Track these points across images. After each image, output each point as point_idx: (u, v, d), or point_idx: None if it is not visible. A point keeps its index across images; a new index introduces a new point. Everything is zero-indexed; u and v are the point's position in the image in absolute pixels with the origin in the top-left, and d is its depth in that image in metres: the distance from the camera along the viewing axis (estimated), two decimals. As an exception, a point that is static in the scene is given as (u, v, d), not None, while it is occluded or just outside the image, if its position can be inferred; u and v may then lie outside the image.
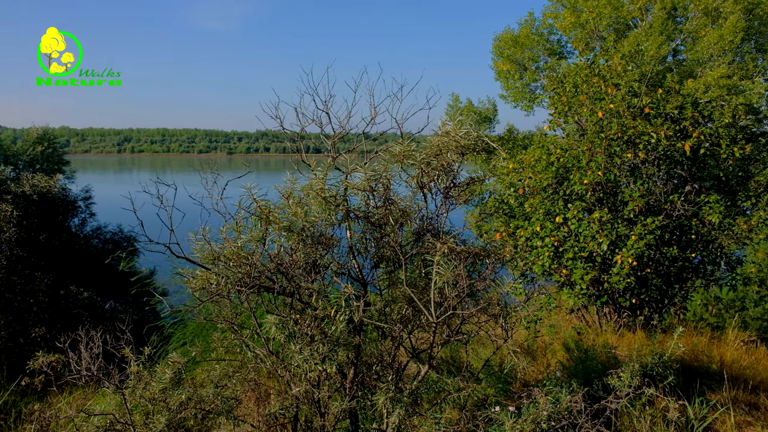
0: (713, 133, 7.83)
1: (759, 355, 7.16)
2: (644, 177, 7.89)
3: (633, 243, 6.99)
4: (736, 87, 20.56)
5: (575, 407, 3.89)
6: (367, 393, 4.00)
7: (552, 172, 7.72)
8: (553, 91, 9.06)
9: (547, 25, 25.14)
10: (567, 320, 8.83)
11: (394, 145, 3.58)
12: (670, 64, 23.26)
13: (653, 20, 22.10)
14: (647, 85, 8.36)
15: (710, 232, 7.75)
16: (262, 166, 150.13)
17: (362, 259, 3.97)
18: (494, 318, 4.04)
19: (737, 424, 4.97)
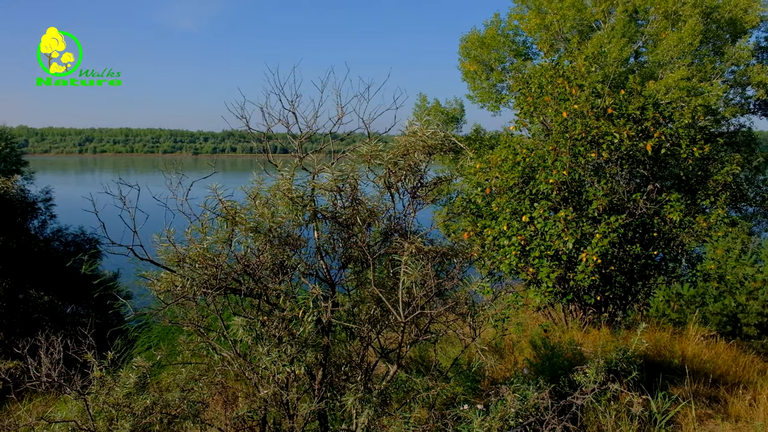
0: (674, 134, 8.02)
1: (718, 349, 7.35)
2: (608, 176, 8.04)
3: (597, 241, 7.12)
4: (695, 89, 21.09)
5: (542, 404, 3.94)
6: (336, 394, 3.99)
7: (518, 172, 7.81)
8: (518, 91, 9.17)
9: (512, 26, 25.45)
10: (534, 318, 8.94)
11: (361, 145, 3.57)
12: (632, 66, 23.76)
13: (616, 23, 22.54)
14: (610, 86, 8.52)
15: (671, 230, 7.94)
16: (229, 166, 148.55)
17: (330, 259, 3.95)
18: (462, 317, 4.06)
19: (698, 417, 5.09)
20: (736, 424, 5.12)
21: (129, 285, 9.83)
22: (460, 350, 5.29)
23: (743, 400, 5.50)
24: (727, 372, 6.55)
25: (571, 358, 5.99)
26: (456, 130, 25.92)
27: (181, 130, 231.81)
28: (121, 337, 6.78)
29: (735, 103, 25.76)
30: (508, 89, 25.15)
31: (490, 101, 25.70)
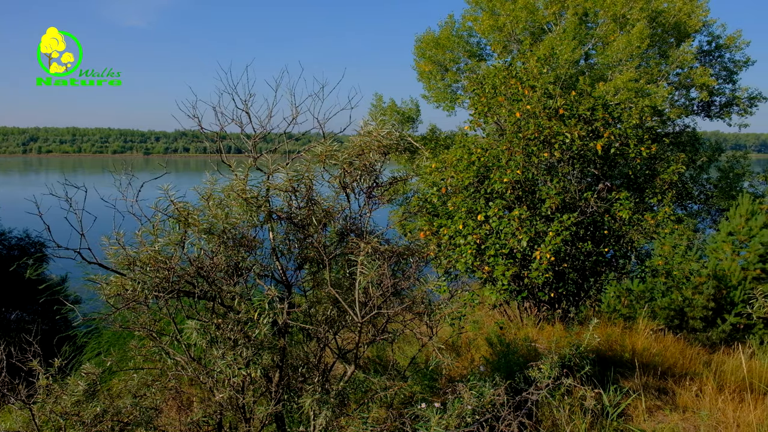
0: (622, 134, 8.24)
1: (666, 342, 7.58)
2: (560, 175, 8.20)
3: (551, 239, 7.25)
4: (642, 90, 21.71)
5: (498, 400, 3.99)
6: (294, 396, 3.96)
7: (473, 171, 7.89)
8: (473, 92, 9.26)
9: (466, 27, 25.73)
10: (490, 316, 9.05)
11: (316, 145, 3.55)
12: (582, 68, 24.31)
13: (567, 25, 23.03)
14: (562, 87, 8.70)
15: (621, 228, 8.15)
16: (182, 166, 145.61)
17: (286, 260, 3.92)
18: (419, 316, 4.08)
19: (648, 409, 5.24)
20: (684, 414, 5.29)
21: (77, 289, 9.53)
22: (417, 349, 5.31)
23: (690, 391, 5.68)
24: (674, 364, 6.76)
25: (526, 355, 6.09)
26: (412, 130, 26.06)
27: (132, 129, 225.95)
28: (69, 343, 6.57)
29: (680, 105, 26.66)
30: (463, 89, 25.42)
31: (445, 101, 25.93)
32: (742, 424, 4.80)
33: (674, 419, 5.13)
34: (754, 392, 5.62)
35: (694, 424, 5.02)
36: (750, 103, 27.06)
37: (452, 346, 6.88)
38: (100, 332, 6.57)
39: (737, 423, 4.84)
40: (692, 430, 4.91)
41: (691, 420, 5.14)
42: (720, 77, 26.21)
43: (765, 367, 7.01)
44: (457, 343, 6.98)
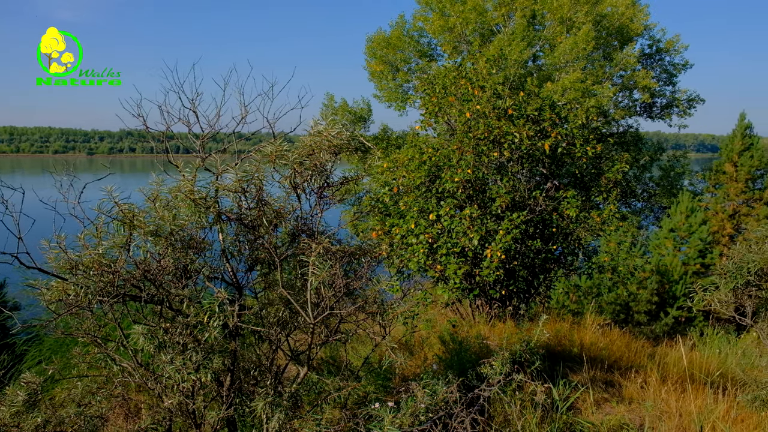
0: (569, 134, 8.43)
1: (613, 336, 7.79)
2: (510, 175, 8.34)
3: (501, 237, 7.36)
4: (588, 91, 22.29)
5: (451, 398, 4.02)
6: (246, 399, 3.90)
7: (425, 171, 7.95)
8: (423, 92, 9.33)
9: (417, 28, 25.90)
10: (442, 314, 9.12)
11: (266, 145, 3.50)
12: (531, 69, 24.79)
13: (515, 27, 23.44)
14: (510, 87, 8.84)
15: (569, 225, 8.35)
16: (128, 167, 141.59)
17: (236, 262, 3.85)
18: (372, 316, 4.07)
19: (596, 402, 5.37)
20: (630, 405, 5.44)
21: (16, 295, 9.14)
22: (371, 349, 5.31)
23: (635, 383, 5.85)
24: (620, 357, 6.95)
25: (478, 352, 6.16)
26: (364, 129, 26.08)
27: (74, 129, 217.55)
28: (7, 352, 6.31)
29: (623, 106, 27.50)
30: (414, 89, 25.57)
31: (397, 101, 26.02)
32: (684, 413, 4.97)
33: (621, 411, 5.27)
34: (695, 382, 5.83)
35: (639, 415, 5.17)
36: (689, 104, 28.15)
37: (405, 345, 6.90)
38: (41, 339, 6.33)
39: (680, 412, 5.01)
40: (637, 420, 5.05)
41: (636, 411, 5.30)
42: (661, 80, 27.16)
43: (705, 358, 7.29)
44: (411, 342, 7.01)
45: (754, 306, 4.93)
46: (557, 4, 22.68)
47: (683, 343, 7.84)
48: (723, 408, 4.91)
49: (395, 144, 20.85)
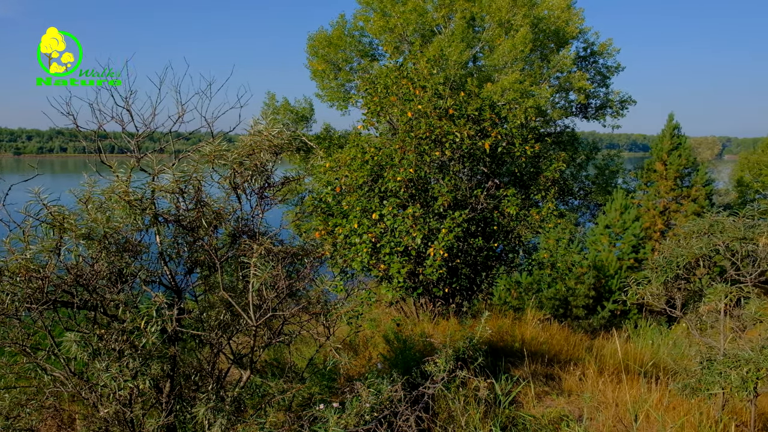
0: (508, 133, 8.61)
1: (553, 330, 8.00)
2: (451, 174, 8.44)
3: (443, 236, 7.44)
4: (527, 92, 22.82)
5: (396, 396, 4.03)
6: (187, 405, 3.80)
7: (367, 170, 7.95)
8: (365, 91, 9.33)
9: (358, 27, 25.89)
10: (387, 313, 9.15)
11: (204, 145, 3.42)
12: (471, 69, 25.17)
13: (455, 28, 23.74)
14: (451, 88, 8.95)
15: (509, 223, 8.52)
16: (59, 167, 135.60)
17: (175, 264, 3.75)
18: (316, 316, 4.05)
19: (537, 395, 5.50)
20: (569, 398, 5.60)
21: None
22: (315, 350, 5.28)
23: (574, 375, 6.02)
24: (560, 351, 7.14)
25: (422, 350, 6.21)
26: (306, 129, 25.90)
27: None
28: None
29: (560, 107, 28.30)
30: (356, 89, 25.57)
31: (339, 100, 25.98)
32: (620, 403, 5.15)
33: (561, 403, 5.41)
34: (630, 373, 6.04)
35: (578, 406, 5.32)
36: (621, 105, 29.22)
37: (350, 345, 6.89)
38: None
39: (616, 402, 5.18)
40: (577, 412, 5.20)
41: (575, 403, 5.45)
42: (595, 81, 28.08)
43: (639, 349, 7.58)
44: (355, 341, 7.01)
45: (683, 298, 5.15)
46: (495, 7, 23.11)
47: (618, 335, 8.12)
48: (656, 396, 5.11)
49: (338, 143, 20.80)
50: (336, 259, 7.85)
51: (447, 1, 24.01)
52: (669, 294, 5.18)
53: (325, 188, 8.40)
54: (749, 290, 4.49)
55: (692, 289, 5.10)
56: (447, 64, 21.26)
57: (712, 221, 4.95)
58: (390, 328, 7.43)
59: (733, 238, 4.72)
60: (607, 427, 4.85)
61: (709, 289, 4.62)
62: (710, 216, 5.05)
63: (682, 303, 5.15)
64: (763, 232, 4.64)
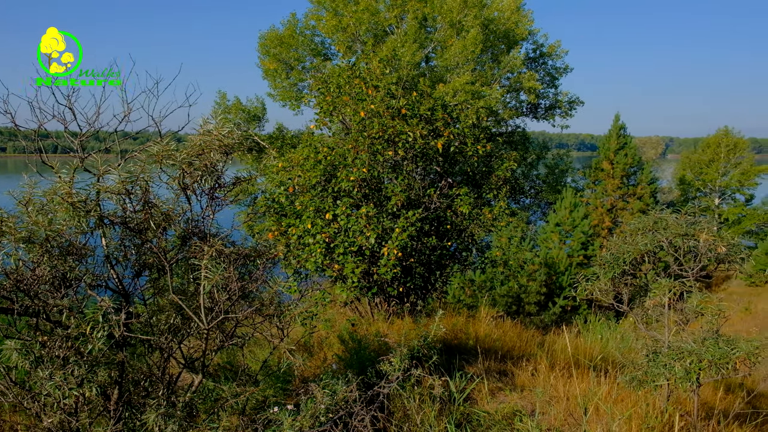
0: (461, 133, 8.70)
1: (506, 327, 8.11)
2: (405, 173, 8.47)
3: (397, 235, 7.46)
4: (478, 92, 23.12)
5: (351, 396, 4.02)
6: (136, 412, 3.70)
7: (320, 170, 7.91)
8: (318, 91, 9.29)
9: (309, 26, 25.76)
10: (342, 313, 9.12)
11: (152, 145, 3.33)
12: (423, 70, 25.36)
13: (408, 28, 23.88)
14: (403, 88, 9.00)
15: (462, 222, 8.61)
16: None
17: (122, 268, 3.65)
18: (269, 318, 4.00)
19: (491, 391, 5.57)
20: (522, 393, 5.69)
21: None
22: (269, 352, 5.21)
23: (527, 371, 6.12)
24: (513, 347, 7.25)
25: (377, 349, 6.21)
26: (258, 128, 25.61)
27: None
28: None
29: (511, 107, 28.79)
30: (309, 88, 25.44)
31: (291, 100, 25.79)
32: (571, 396, 5.27)
33: (514, 399, 5.49)
34: (580, 367, 6.18)
35: (531, 401, 5.41)
36: (570, 106, 29.93)
37: (305, 346, 6.84)
38: None
39: (567, 396, 5.30)
40: (529, 407, 5.29)
41: (528, 398, 5.54)
42: (544, 82, 28.67)
43: (588, 343, 7.76)
44: (310, 342, 6.96)
45: (630, 293, 5.30)
46: (447, 8, 23.34)
47: (569, 331, 8.30)
48: (605, 389, 5.24)
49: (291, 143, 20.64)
50: (289, 260, 7.79)
51: (399, 2, 24.12)
52: (616, 289, 5.32)
53: (278, 188, 8.32)
54: (691, 284, 4.65)
55: (638, 285, 5.25)
56: (400, 64, 21.36)
57: (656, 218, 5.11)
58: (345, 328, 7.40)
59: (676, 235, 4.88)
60: (559, 420, 4.95)
61: (654, 284, 4.76)
62: (654, 213, 5.21)
63: (629, 298, 5.30)
64: (703, 229, 4.82)
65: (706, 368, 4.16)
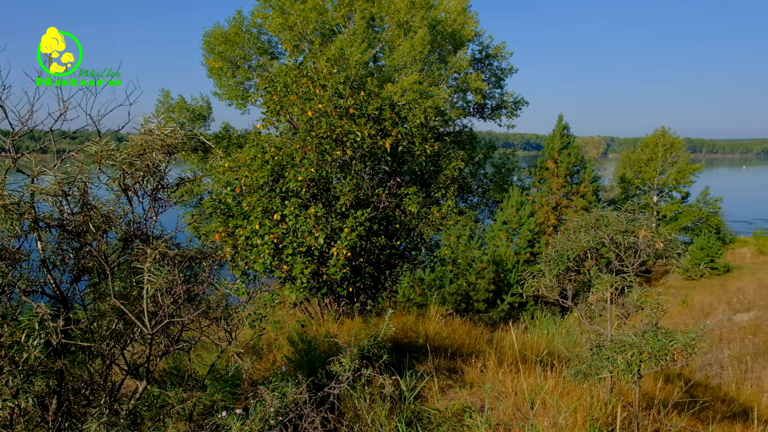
0: (409, 133, 8.74)
1: (455, 325, 8.19)
2: (353, 173, 8.46)
3: (346, 235, 7.44)
4: (426, 92, 23.31)
5: (301, 398, 3.99)
6: (77, 422, 3.57)
7: (268, 170, 7.82)
8: (265, 90, 9.18)
9: (256, 24, 25.44)
10: (291, 314, 9.03)
11: (90, 144, 3.22)
12: (372, 69, 25.39)
13: (356, 28, 23.86)
14: (351, 87, 8.97)
15: (411, 221, 8.66)
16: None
17: (60, 272, 3.51)
18: (216, 321, 3.93)
19: (441, 389, 5.61)
20: (471, 389, 5.75)
21: None
22: (216, 356, 5.12)
23: (476, 367, 6.20)
24: (462, 345, 7.33)
25: (328, 350, 6.18)
26: (204, 128, 25.12)
27: None
28: None
29: (458, 107, 29.16)
30: (255, 87, 25.13)
31: (237, 99, 25.42)
32: (519, 391, 5.36)
33: (463, 395, 5.55)
34: (527, 363, 6.30)
35: (480, 397, 5.48)
36: (515, 106, 30.54)
37: (253, 349, 6.74)
38: None
39: (515, 391, 5.39)
40: (479, 403, 5.36)
41: (477, 394, 5.61)
42: (490, 83, 29.14)
43: (535, 339, 7.92)
44: (259, 345, 6.86)
45: (574, 289, 5.44)
46: (394, 8, 23.44)
47: (516, 327, 8.46)
48: (551, 383, 5.36)
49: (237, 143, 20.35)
50: (237, 262, 7.67)
51: (347, 1, 24.10)
52: (561, 285, 5.45)
53: (224, 189, 8.18)
54: (632, 279, 4.80)
55: (582, 280, 5.39)
56: (348, 64, 21.33)
57: (598, 216, 5.26)
58: (294, 329, 7.33)
59: (617, 231, 5.03)
60: (507, 415, 5.03)
61: (596, 280, 4.90)
62: (596, 211, 5.36)
63: (574, 294, 5.44)
64: (642, 225, 4.99)
65: (647, 360, 4.30)
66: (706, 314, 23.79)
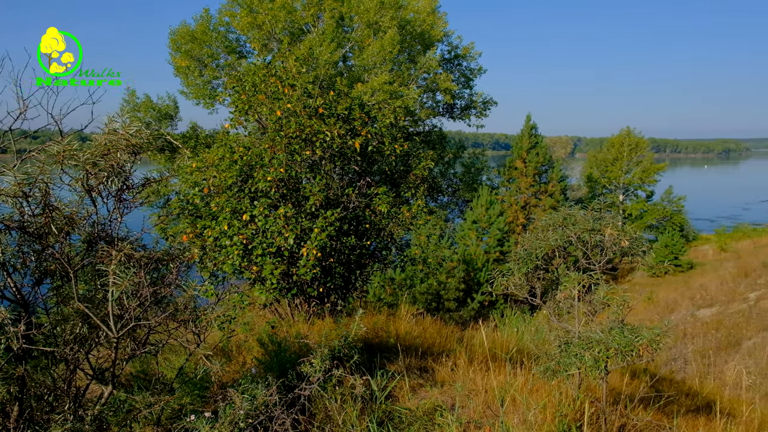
0: (378, 132, 8.74)
1: (426, 324, 8.22)
2: (323, 173, 8.42)
3: (316, 235, 7.40)
4: (396, 92, 23.34)
5: (271, 400, 3.96)
6: (40, 429, 3.48)
7: (236, 171, 7.74)
8: (233, 89, 9.08)
9: (223, 23, 25.17)
10: (261, 316, 8.96)
11: (52, 144, 3.14)
12: (341, 69, 25.33)
13: (325, 27, 23.78)
14: (321, 87, 8.95)
15: (381, 221, 8.65)
16: None
17: (21, 276, 3.41)
18: (184, 323, 3.87)
19: (412, 388, 5.62)
20: (442, 388, 5.78)
21: None
22: (185, 358, 5.04)
23: (446, 366, 6.23)
24: (433, 344, 7.36)
25: (298, 351, 6.13)
26: (171, 127, 24.73)
27: None
28: None
29: (428, 107, 29.28)
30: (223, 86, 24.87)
31: (205, 98, 25.12)
32: (489, 389, 5.40)
33: (434, 394, 5.57)
34: (497, 361, 6.36)
35: (451, 395, 5.51)
36: (484, 106, 30.76)
37: (223, 351, 6.67)
38: None
39: (485, 389, 5.43)
40: (450, 401, 5.38)
41: (448, 392, 5.63)
42: (459, 83, 29.31)
43: (505, 337, 7.99)
44: (228, 347, 6.79)
45: (543, 287, 5.50)
46: (364, 8, 23.43)
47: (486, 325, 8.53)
48: (521, 381, 5.41)
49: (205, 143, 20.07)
50: (205, 263, 7.57)
51: (316, 0, 23.99)
52: (530, 283, 5.51)
53: (192, 189, 8.07)
54: (598, 277, 4.87)
55: (550, 278, 5.45)
56: (317, 64, 21.25)
57: (566, 214, 5.33)
58: (264, 330, 7.27)
59: (584, 230, 5.11)
60: (478, 413, 5.06)
61: (564, 278, 4.96)
62: (564, 210, 5.43)
63: (542, 291, 5.49)
64: (608, 224, 5.07)
65: (613, 356, 4.36)
66: (670, 310, 24.33)
